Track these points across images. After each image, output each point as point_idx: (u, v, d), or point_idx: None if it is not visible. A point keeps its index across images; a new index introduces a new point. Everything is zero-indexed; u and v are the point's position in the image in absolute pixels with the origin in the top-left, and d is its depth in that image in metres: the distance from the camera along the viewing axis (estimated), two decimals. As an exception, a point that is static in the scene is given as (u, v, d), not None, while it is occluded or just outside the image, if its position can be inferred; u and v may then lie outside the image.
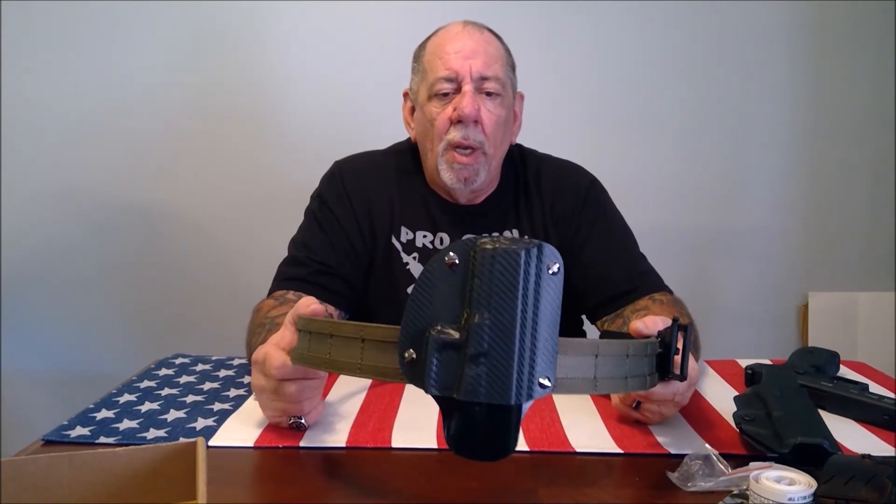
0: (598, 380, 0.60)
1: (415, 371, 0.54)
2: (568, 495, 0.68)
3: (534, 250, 0.53)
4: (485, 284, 0.52)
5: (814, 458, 0.68)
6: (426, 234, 1.18)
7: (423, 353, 0.53)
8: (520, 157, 1.24)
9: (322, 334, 0.67)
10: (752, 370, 0.97)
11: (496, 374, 0.52)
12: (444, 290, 0.54)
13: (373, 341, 0.60)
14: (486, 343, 0.52)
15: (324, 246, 1.16)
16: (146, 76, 2.00)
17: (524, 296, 0.52)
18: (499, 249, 0.53)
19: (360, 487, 0.72)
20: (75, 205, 2.04)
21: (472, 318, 0.52)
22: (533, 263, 0.53)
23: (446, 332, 0.53)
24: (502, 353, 0.52)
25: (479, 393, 0.52)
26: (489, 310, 0.52)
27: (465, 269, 0.53)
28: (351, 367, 0.62)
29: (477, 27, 1.14)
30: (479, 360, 0.52)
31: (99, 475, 0.62)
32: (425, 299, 0.54)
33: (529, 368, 0.53)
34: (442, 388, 0.53)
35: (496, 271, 0.52)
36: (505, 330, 0.52)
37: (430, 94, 1.11)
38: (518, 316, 0.52)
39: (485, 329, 0.52)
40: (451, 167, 1.11)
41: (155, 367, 1.07)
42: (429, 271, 0.55)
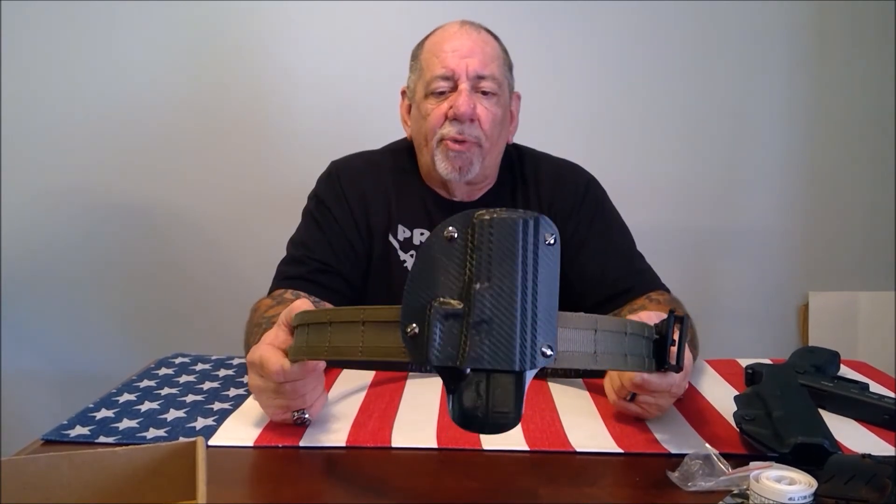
0: (598, 354, 0.61)
1: (417, 344, 0.54)
2: (568, 495, 0.68)
3: (531, 220, 0.54)
4: (484, 253, 0.53)
5: (814, 458, 0.68)
6: (423, 232, 1.18)
7: (426, 326, 0.53)
8: (517, 156, 1.24)
9: (321, 324, 0.67)
10: (752, 370, 0.97)
11: (499, 341, 0.53)
12: (443, 263, 0.54)
13: (373, 322, 0.60)
14: (488, 310, 0.53)
15: (322, 245, 1.16)
16: (146, 76, 2.00)
17: (524, 263, 0.53)
18: (496, 219, 0.53)
19: (360, 487, 0.72)
20: (75, 205, 2.04)
21: (473, 287, 0.53)
22: (530, 233, 0.54)
23: (448, 303, 0.53)
24: (505, 319, 0.53)
25: (482, 360, 0.52)
26: (489, 278, 0.53)
27: (463, 242, 0.54)
28: (352, 352, 0.62)
29: (474, 27, 1.15)
30: (482, 327, 0.53)
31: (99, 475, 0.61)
32: (425, 273, 0.55)
33: (532, 336, 0.53)
34: (445, 358, 0.53)
35: (495, 240, 0.53)
36: (506, 296, 0.53)
37: (427, 92, 1.12)
38: (518, 282, 0.53)
39: (486, 296, 0.53)
40: (445, 156, 1.11)
41: (155, 367, 1.07)
42: (428, 246, 0.55)
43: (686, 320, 0.73)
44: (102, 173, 2.04)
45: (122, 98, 2.00)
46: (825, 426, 0.74)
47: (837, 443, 0.72)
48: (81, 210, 2.05)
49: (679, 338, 0.72)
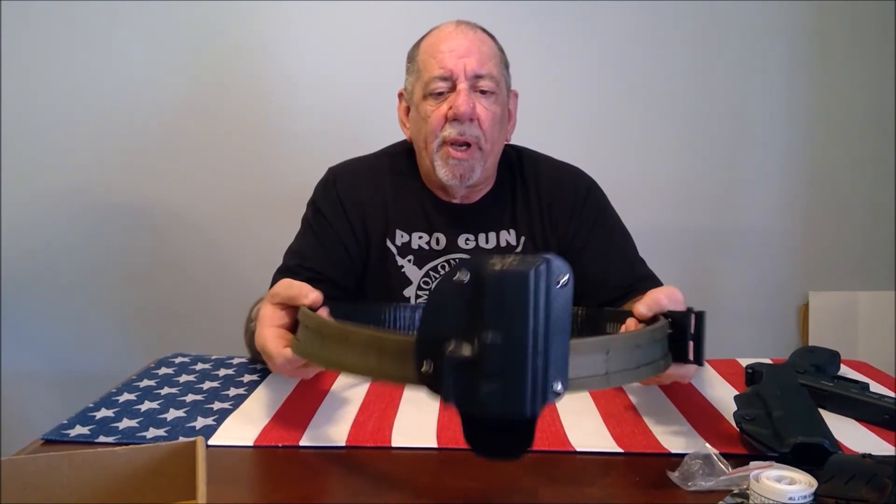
0: (610, 374, 0.62)
1: (432, 383, 0.56)
2: (568, 495, 0.68)
3: (542, 267, 0.54)
4: (495, 305, 0.53)
5: (814, 458, 0.68)
6: (422, 235, 1.18)
7: (440, 368, 0.55)
8: (517, 158, 1.24)
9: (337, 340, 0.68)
10: (752, 370, 0.97)
11: (510, 391, 0.54)
12: (455, 305, 0.55)
13: (389, 350, 0.61)
14: (500, 362, 0.53)
15: (316, 253, 1.16)
16: (146, 76, 2.00)
17: (535, 313, 0.53)
18: (508, 271, 0.53)
19: (360, 487, 0.72)
20: (75, 205, 2.04)
21: (485, 338, 0.53)
22: (542, 281, 0.54)
23: (460, 350, 0.54)
24: (516, 371, 0.53)
25: (494, 408, 0.54)
26: (501, 329, 0.53)
27: (474, 287, 0.54)
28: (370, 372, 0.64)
29: (470, 26, 1.15)
30: (494, 377, 0.53)
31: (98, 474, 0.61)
32: (439, 312, 0.56)
33: (543, 379, 0.54)
34: (460, 403, 0.55)
35: (506, 292, 0.53)
36: (517, 349, 0.53)
37: (426, 93, 1.12)
38: (529, 334, 0.53)
39: (497, 349, 0.53)
40: (446, 163, 1.11)
41: (154, 367, 1.07)
42: (440, 287, 0.56)
43: (703, 316, 0.74)
44: (102, 173, 2.04)
45: (122, 98, 2.00)
46: (825, 426, 0.74)
47: (837, 443, 0.72)
48: (81, 210, 2.05)
49: (697, 332, 0.73)
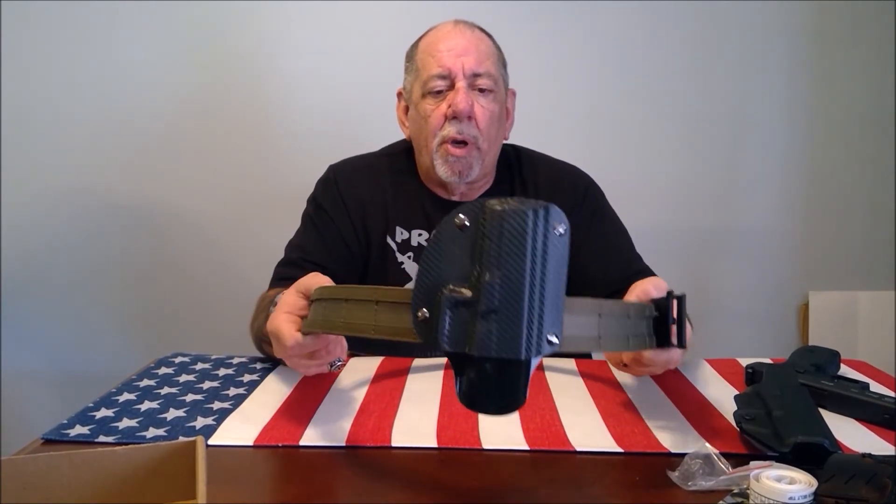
0: (602, 338, 0.63)
1: (428, 329, 0.56)
2: (568, 495, 0.68)
3: (541, 211, 0.55)
4: (494, 244, 0.54)
5: (814, 458, 0.68)
6: (421, 233, 1.19)
7: (436, 312, 0.55)
8: (515, 157, 1.25)
9: (337, 300, 0.70)
10: (752, 369, 0.97)
11: (507, 330, 0.54)
12: (454, 250, 0.56)
13: (386, 303, 0.62)
14: (497, 300, 0.54)
15: (318, 247, 1.17)
16: (146, 76, 2.00)
17: (532, 254, 0.54)
18: (507, 210, 0.54)
19: (360, 487, 0.72)
20: (75, 205, 2.04)
21: (483, 277, 0.54)
22: (541, 224, 0.55)
23: (458, 291, 0.55)
24: (512, 309, 0.54)
25: (490, 348, 0.54)
26: (499, 268, 0.54)
27: (474, 230, 0.55)
28: (365, 328, 0.64)
29: (468, 25, 1.15)
30: (491, 316, 0.54)
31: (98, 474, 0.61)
32: (436, 260, 0.56)
33: (538, 325, 0.54)
34: (454, 344, 0.55)
35: (505, 231, 0.54)
36: (515, 287, 0.54)
37: (424, 91, 1.12)
38: (527, 274, 0.54)
39: (495, 287, 0.54)
40: (445, 160, 1.12)
41: (154, 366, 1.07)
42: (439, 233, 0.56)
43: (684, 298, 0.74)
44: (102, 173, 2.04)
45: (122, 98, 2.00)
46: (825, 426, 0.74)
47: (838, 442, 0.72)
48: (81, 210, 2.05)
49: (679, 315, 0.74)
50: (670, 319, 0.73)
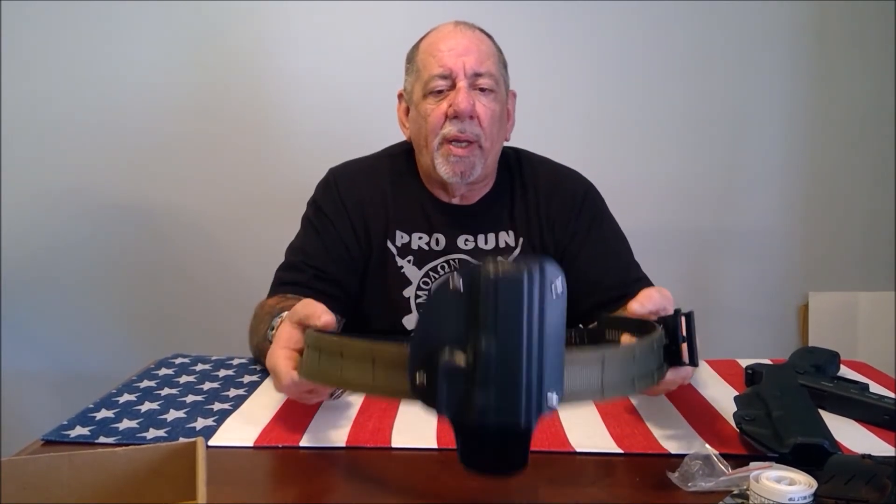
0: (605, 386, 0.61)
1: (425, 394, 0.55)
2: (568, 495, 0.68)
3: (536, 272, 0.53)
4: (490, 311, 0.53)
5: (814, 458, 0.68)
6: (422, 236, 1.18)
7: (434, 378, 0.54)
8: (515, 159, 1.25)
9: (333, 353, 0.68)
10: (752, 370, 0.97)
11: (505, 399, 0.53)
12: (449, 313, 0.54)
13: (383, 361, 0.61)
14: (495, 369, 0.53)
15: (319, 251, 1.16)
16: (146, 76, 2.00)
17: (529, 320, 0.53)
18: (502, 276, 0.53)
19: (360, 487, 0.72)
20: (75, 205, 2.04)
21: (480, 344, 0.53)
22: (536, 286, 0.53)
23: (454, 359, 0.53)
24: (511, 377, 0.53)
25: (488, 416, 0.53)
26: (496, 335, 0.53)
27: (469, 294, 0.54)
28: (364, 387, 0.64)
29: (468, 26, 1.15)
30: (488, 384, 0.53)
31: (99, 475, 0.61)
32: (432, 323, 0.55)
33: (538, 388, 0.53)
34: (453, 412, 0.54)
35: (500, 298, 0.53)
36: (512, 355, 0.53)
37: (425, 91, 1.12)
38: (524, 340, 0.53)
39: (492, 355, 0.53)
40: (447, 160, 1.11)
41: (155, 367, 1.07)
42: (434, 296, 0.56)
43: (693, 315, 0.74)
44: (102, 173, 2.04)
45: (122, 98, 2.00)
46: (825, 426, 0.74)
47: (837, 443, 0.72)
48: (81, 210, 2.05)
49: (688, 333, 0.73)
50: (680, 338, 0.72)
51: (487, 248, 1.19)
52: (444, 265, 1.18)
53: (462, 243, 1.18)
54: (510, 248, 1.19)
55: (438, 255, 1.18)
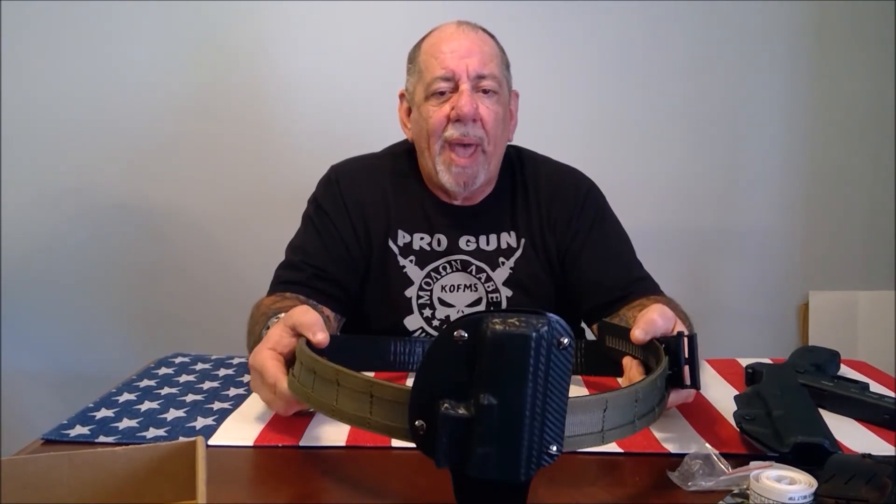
0: (606, 431, 0.61)
1: (425, 442, 0.55)
2: (568, 495, 0.68)
3: (543, 329, 0.52)
4: (494, 367, 0.52)
5: (814, 458, 0.68)
6: (423, 237, 1.18)
7: (434, 428, 0.54)
8: (517, 159, 1.24)
9: (328, 380, 0.67)
10: (752, 370, 0.97)
11: (505, 454, 0.52)
12: (452, 363, 0.54)
13: (382, 399, 0.60)
14: (496, 425, 0.52)
15: (319, 250, 1.16)
16: (146, 76, 2.00)
17: (534, 377, 0.52)
18: (508, 333, 0.52)
19: (359, 487, 0.72)
20: (75, 205, 2.04)
21: (482, 399, 0.52)
22: (543, 344, 0.52)
23: (455, 411, 0.53)
24: (511, 435, 0.52)
25: (488, 471, 0.53)
26: (499, 392, 0.52)
27: (472, 347, 0.53)
28: (360, 421, 0.63)
29: (471, 27, 1.14)
30: (489, 440, 0.52)
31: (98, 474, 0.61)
32: (435, 370, 0.54)
33: (539, 442, 0.53)
34: (452, 462, 0.54)
35: (506, 355, 0.52)
36: (514, 413, 0.52)
37: (427, 93, 1.11)
38: (528, 399, 0.52)
39: (494, 412, 0.52)
40: (449, 169, 1.11)
41: (154, 367, 1.07)
42: (438, 344, 0.55)
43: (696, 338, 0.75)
44: (102, 174, 2.04)
45: (122, 98, 2.00)
46: (825, 426, 0.74)
47: (837, 443, 0.72)
48: (81, 210, 2.05)
49: (691, 356, 0.73)
50: (682, 360, 0.72)
51: (489, 249, 1.19)
52: (445, 266, 1.18)
53: (464, 244, 1.18)
54: (512, 249, 1.19)
55: (440, 256, 1.18)
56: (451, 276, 1.18)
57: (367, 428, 0.62)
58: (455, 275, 1.18)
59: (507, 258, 1.18)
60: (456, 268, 1.18)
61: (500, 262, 1.18)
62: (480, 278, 1.18)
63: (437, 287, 1.17)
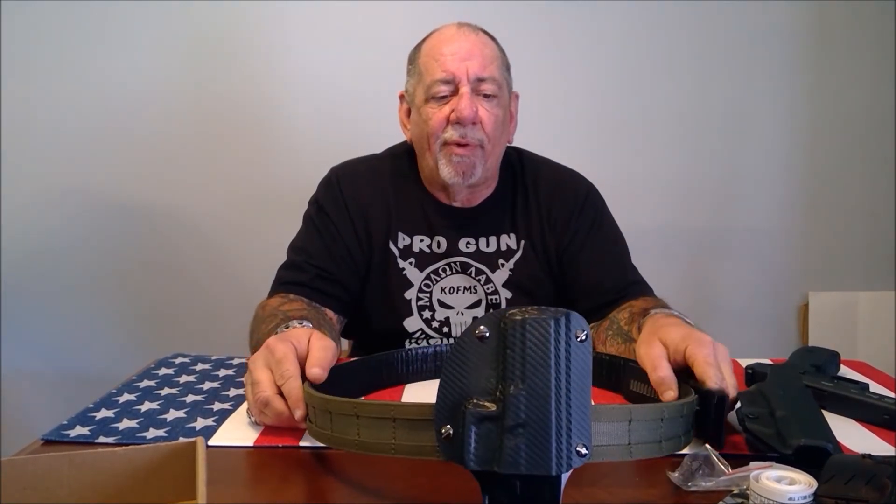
0: (633, 445, 0.61)
1: (453, 447, 0.54)
2: (568, 495, 0.68)
3: (562, 319, 0.53)
4: (517, 355, 0.52)
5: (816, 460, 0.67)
6: (423, 238, 1.18)
7: (461, 428, 0.53)
8: (517, 160, 1.25)
9: (346, 415, 0.66)
10: (752, 370, 0.97)
11: (536, 445, 0.52)
12: (475, 362, 0.53)
13: (405, 420, 0.60)
14: (524, 413, 0.52)
15: (321, 251, 1.16)
16: (146, 77, 2.00)
17: (556, 364, 0.52)
18: (529, 319, 0.52)
19: (360, 487, 0.72)
20: (75, 205, 2.05)
21: (508, 390, 0.52)
22: (563, 332, 0.53)
23: (482, 405, 0.53)
24: (540, 422, 0.52)
25: (519, 465, 0.52)
26: (524, 380, 0.52)
27: (495, 341, 0.53)
28: (384, 449, 0.61)
29: (472, 28, 1.14)
30: (518, 430, 0.52)
31: (98, 475, 0.61)
32: (458, 373, 0.54)
33: (567, 437, 0.52)
34: (481, 462, 0.53)
35: (528, 341, 0.52)
36: (541, 399, 0.52)
37: (427, 96, 1.11)
38: (553, 384, 0.52)
39: (521, 399, 0.52)
40: (449, 161, 1.11)
41: (154, 367, 1.07)
42: (460, 344, 0.54)
43: (726, 399, 0.75)
44: (102, 175, 2.04)
45: (122, 99, 2.00)
46: (828, 428, 0.73)
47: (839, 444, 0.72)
48: (81, 211, 2.05)
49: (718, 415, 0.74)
50: (710, 417, 0.73)
51: (489, 251, 1.19)
52: (445, 268, 1.18)
53: (463, 246, 1.18)
54: (512, 250, 1.19)
55: (440, 258, 1.18)
56: (450, 278, 1.18)
57: (393, 454, 0.61)
58: (455, 277, 1.18)
59: (506, 260, 1.19)
60: (455, 270, 1.18)
61: (500, 264, 1.18)
62: (480, 280, 1.18)
63: (436, 289, 1.18)
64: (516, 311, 0.53)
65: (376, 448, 0.62)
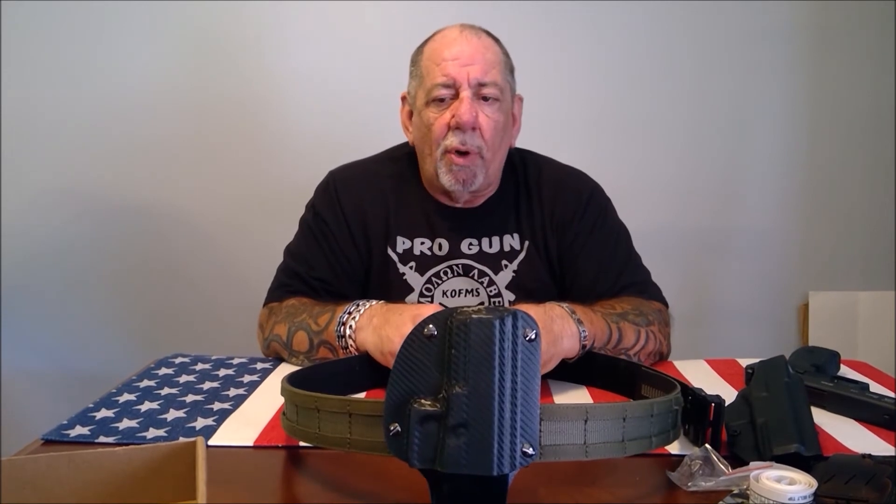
0: (589, 445, 0.59)
1: (399, 445, 0.54)
2: (568, 495, 0.68)
3: (508, 318, 0.53)
4: (461, 354, 0.53)
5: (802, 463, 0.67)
6: (424, 241, 1.18)
7: (406, 426, 0.54)
8: (520, 160, 1.24)
9: (308, 409, 0.67)
10: (752, 370, 0.96)
11: (477, 445, 0.52)
12: (423, 361, 0.54)
13: (360, 416, 0.61)
14: (466, 413, 0.52)
15: (321, 261, 1.16)
16: (146, 78, 2.00)
17: (501, 364, 0.52)
18: (473, 319, 0.53)
19: (360, 487, 0.72)
20: (75, 205, 2.04)
21: (451, 389, 0.52)
22: (508, 331, 0.53)
23: (426, 404, 0.53)
24: (482, 422, 0.52)
25: (460, 464, 0.52)
26: (467, 379, 0.52)
27: (442, 340, 0.54)
28: (341, 443, 0.63)
29: (474, 31, 1.13)
30: (460, 430, 0.52)
31: (98, 475, 0.61)
32: (406, 371, 0.55)
33: (511, 438, 0.53)
34: (424, 460, 0.53)
35: (472, 341, 0.53)
36: (483, 399, 0.52)
37: (428, 99, 1.11)
38: (496, 385, 0.52)
39: (463, 399, 0.52)
40: (449, 169, 1.11)
41: (154, 367, 1.07)
42: (408, 343, 0.55)
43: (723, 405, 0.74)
44: (102, 175, 2.03)
45: (121, 99, 2.00)
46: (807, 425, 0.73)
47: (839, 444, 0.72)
48: (81, 211, 2.05)
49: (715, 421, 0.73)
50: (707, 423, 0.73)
51: (492, 252, 1.18)
52: (446, 270, 1.17)
53: (466, 248, 1.17)
54: (515, 251, 1.18)
55: (441, 261, 1.17)
56: (452, 281, 1.17)
57: (349, 448, 0.62)
58: (456, 279, 1.17)
59: (510, 261, 1.18)
60: (457, 272, 1.17)
61: (503, 265, 1.18)
62: (483, 282, 1.17)
63: (437, 293, 1.17)
64: (465, 309, 0.54)
65: (333, 442, 0.64)
